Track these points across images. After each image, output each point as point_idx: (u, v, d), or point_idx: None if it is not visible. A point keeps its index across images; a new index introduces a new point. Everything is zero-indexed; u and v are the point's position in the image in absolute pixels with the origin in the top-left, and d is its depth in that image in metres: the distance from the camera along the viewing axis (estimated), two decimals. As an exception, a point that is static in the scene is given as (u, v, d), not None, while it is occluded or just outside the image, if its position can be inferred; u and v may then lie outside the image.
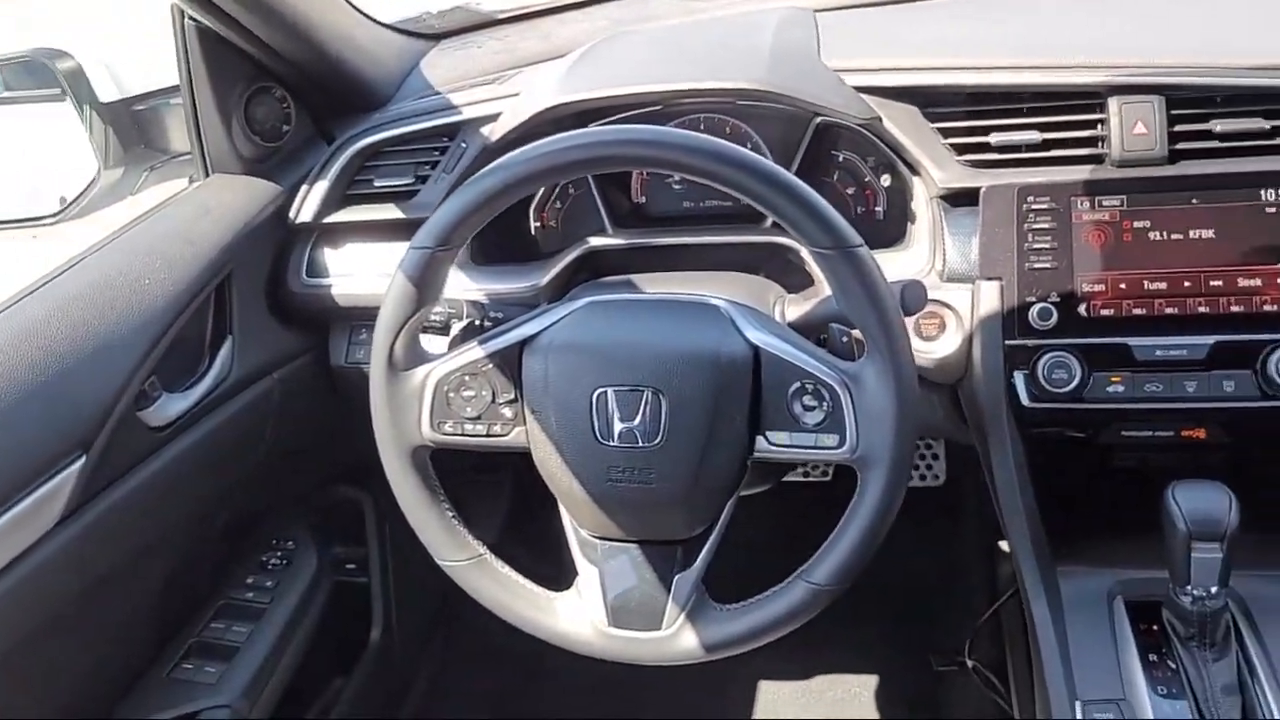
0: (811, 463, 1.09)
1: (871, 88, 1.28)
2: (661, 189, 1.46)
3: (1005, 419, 1.21)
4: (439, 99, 1.48)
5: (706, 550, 1.07)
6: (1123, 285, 1.17)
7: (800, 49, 1.34)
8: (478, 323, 1.18)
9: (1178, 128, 1.20)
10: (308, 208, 1.45)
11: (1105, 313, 1.18)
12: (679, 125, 1.42)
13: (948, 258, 1.25)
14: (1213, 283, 1.15)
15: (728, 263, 1.33)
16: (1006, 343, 1.20)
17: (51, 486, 1.12)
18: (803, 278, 1.29)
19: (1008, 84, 1.25)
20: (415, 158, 1.44)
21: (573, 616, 1.09)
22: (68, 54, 1.61)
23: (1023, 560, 1.23)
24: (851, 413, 0.99)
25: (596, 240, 1.37)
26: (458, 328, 1.17)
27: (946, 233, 1.26)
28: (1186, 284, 1.16)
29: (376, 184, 1.45)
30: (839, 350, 1.07)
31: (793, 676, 1.99)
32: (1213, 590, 1.05)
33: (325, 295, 1.47)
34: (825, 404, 1.00)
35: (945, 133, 1.27)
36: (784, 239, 1.26)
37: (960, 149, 1.26)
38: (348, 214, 1.45)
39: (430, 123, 1.44)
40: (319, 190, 1.45)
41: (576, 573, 1.10)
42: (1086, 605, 1.19)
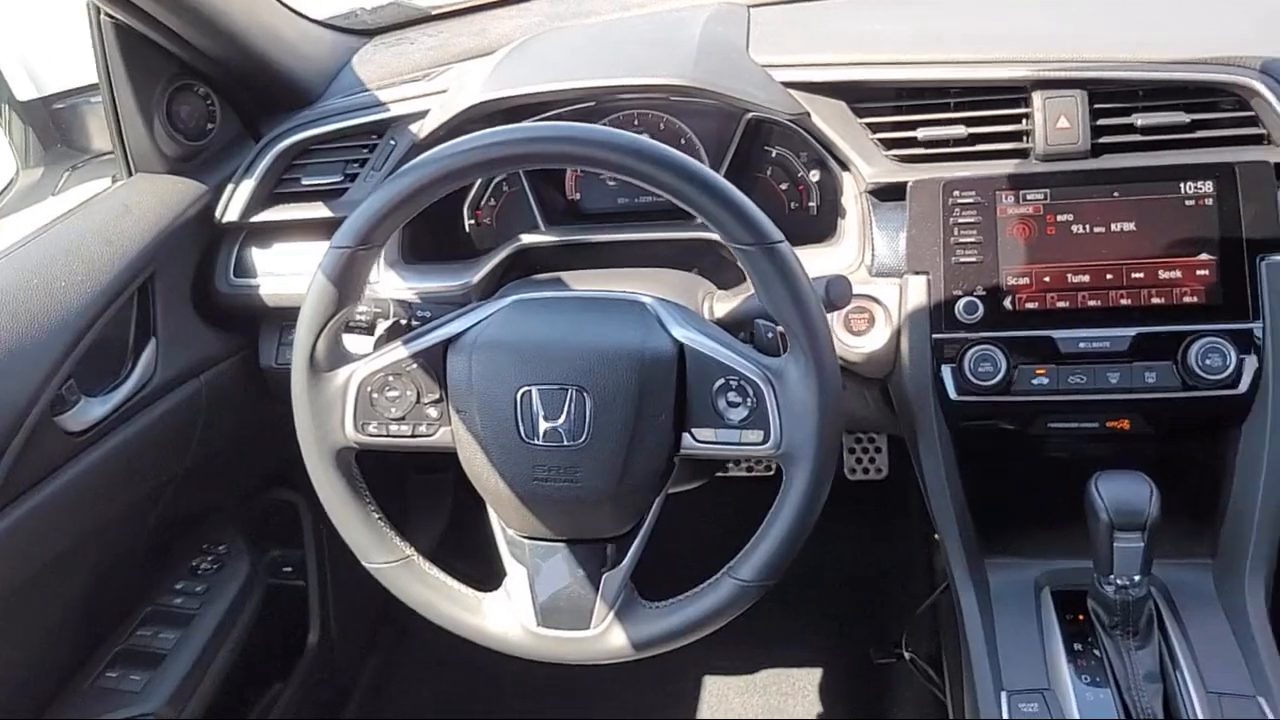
0: (737, 459, 1.08)
1: (800, 83, 1.28)
2: (596, 186, 1.45)
3: (933, 412, 1.22)
4: (368, 96, 1.46)
5: (634, 548, 1.06)
6: (1047, 278, 1.18)
7: (728, 44, 1.34)
8: (404, 322, 1.16)
9: (1100, 121, 1.22)
10: (234, 207, 1.43)
11: (1030, 306, 1.19)
12: (613, 121, 1.42)
13: (876, 252, 1.26)
14: (1134, 275, 1.17)
15: (662, 259, 1.33)
16: (933, 337, 1.20)
17: (-38, 493, 1.09)
18: (737, 274, 1.28)
19: (934, 79, 1.26)
20: (344, 155, 1.43)
21: (501, 617, 1.08)
22: (-20, 52, 1.57)
23: (952, 553, 1.24)
24: (775, 408, 0.99)
25: (529, 237, 1.36)
26: (383, 327, 1.16)
27: (875, 227, 1.26)
28: (1109, 276, 1.17)
29: (304, 182, 1.43)
30: (765, 346, 1.07)
31: (739, 671, 2.00)
32: (1135, 579, 1.07)
33: (253, 295, 1.45)
34: (749, 400, 1.00)
35: (873, 128, 1.28)
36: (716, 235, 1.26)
37: (888, 144, 1.27)
38: (275, 213, 1.43)
39: (359, 120, 1.42)
40: (245, 189, 1.43)
41: (506, 573, 1.09)
42: (1015, 596, 1.20)
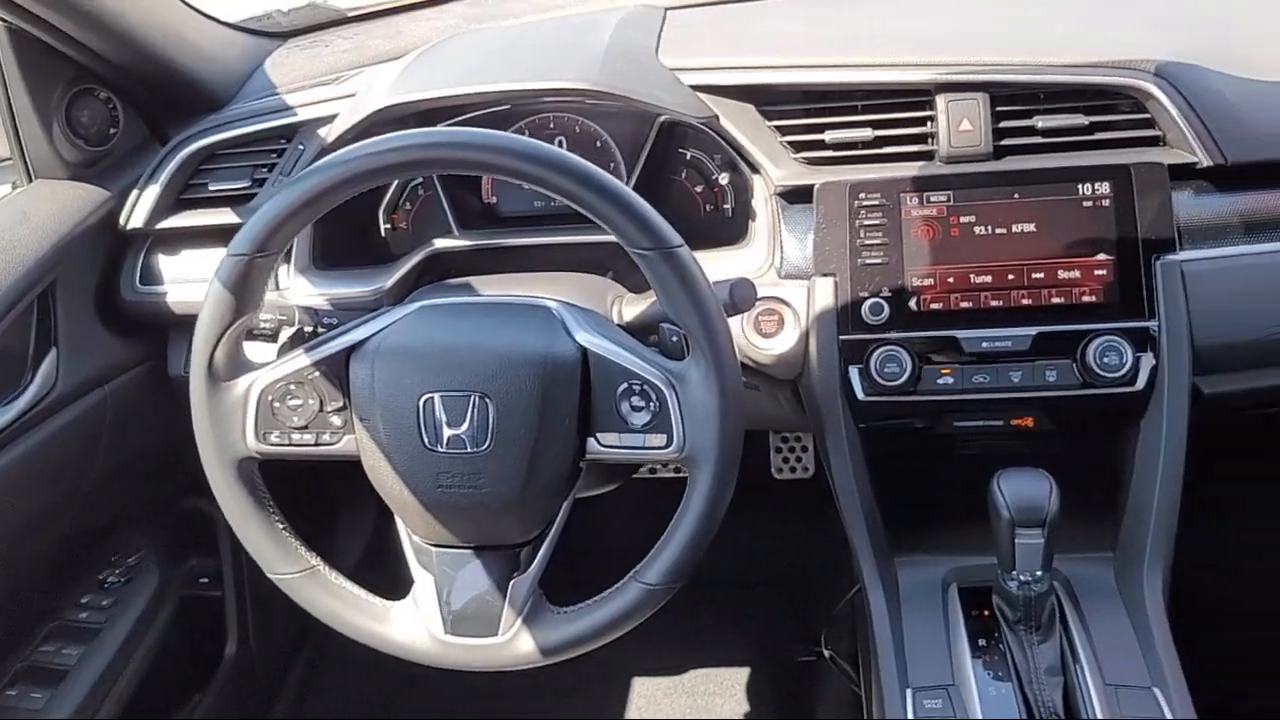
0: (642, 463, 1.09)
1: (709, 86, 1.29)
2: (511, 189, 1.44)
3: (841, 413, 1.23)
4: (277, 99, 1.44)
5: (542, 554, 1.06)
6: (950, 279, 1.20)
7: (637, 47, 1.34)
8: (308, 329, 1.15)
9: (1002, 124, 1.24)
10: (138, 213, 1.40)
11: (934, 306, 1.20)
12: (529, 124, 1.41)
13: (785, 254, 1.27)
14: (1035, 275, 1.19)
15: (577, 263, 1.32)
16: (841, 338, 1.21)
17: None
18: None
19: (840, 82, 1.28)
20: (251, 160, 1.40)
21: (408, 625, 1.07)
22: None
23: (861, 552, 1.25)
24: (678, 412, 0.99)
25: (442, 242, 1.35)
26: (286, 335, 1.14)
27: (784, 230, 1.27)
28: (1010, 277, 1.19)
29: (211, 188, 1.40)
30: (670, 350, 1.07)
31: (667, 672, 2.00)
32: (1037, 574, 1.09)
33: (160, 303, 1.42)
34: (652, 404, 1.00)
35: (782, 130, 1.29)
36: None
37: (797, 146, 1.28)
38: (182, 219, 1.41)
39: (267, 124, 1.40)
40: (150, 195, 1.40)
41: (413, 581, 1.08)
42: (922, 594, 1.22)
